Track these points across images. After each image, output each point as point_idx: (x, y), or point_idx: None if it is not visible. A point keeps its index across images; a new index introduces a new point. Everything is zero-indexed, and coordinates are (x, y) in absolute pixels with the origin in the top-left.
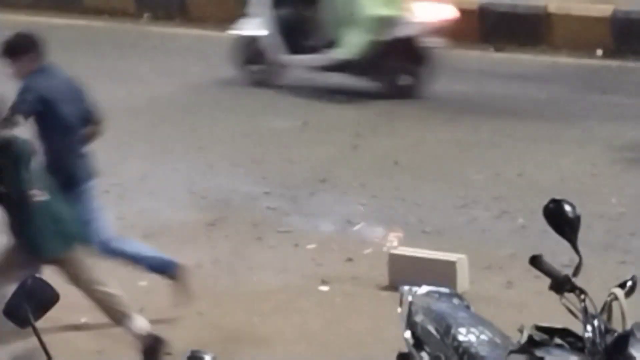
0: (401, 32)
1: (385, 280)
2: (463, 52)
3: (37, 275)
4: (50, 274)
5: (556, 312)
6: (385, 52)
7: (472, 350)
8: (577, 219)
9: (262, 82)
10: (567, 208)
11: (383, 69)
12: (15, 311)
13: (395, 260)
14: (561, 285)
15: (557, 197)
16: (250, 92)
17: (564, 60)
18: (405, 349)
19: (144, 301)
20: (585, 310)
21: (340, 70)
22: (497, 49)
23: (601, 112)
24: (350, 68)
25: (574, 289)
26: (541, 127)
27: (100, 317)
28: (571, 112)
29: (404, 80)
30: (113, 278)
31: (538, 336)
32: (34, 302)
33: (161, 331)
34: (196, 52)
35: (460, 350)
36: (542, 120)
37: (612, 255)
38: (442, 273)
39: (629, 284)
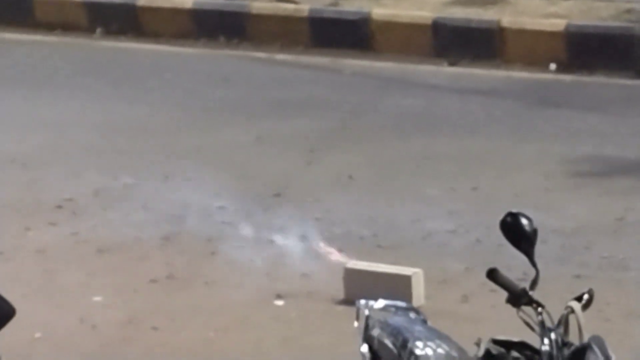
0: None
1: (341, 294)
2: (417, 66)
3: None
4: (5, 289)
5: (513, 326)
6: None
7: None
8: (533, 232)
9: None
10: (524, 221)
11: None
12: None
13: (351, 275)
14: (518, 298)
15: (513, 210)
16: (204, 107)
17: (518, 74)
18: None
19: (98, 316)
20: (542, 324)
21: None
22: (451, 64)
23: (555, 127)
24: None
25: (531, 302)
26: (495, 142)
27: (54, 333)
28: (525, 127)
29: None
30: (67, 293)
31: (495, 350)
32: None
33: (115, 347)
34: (150, 67)
35: None
36: (496, 134)
37: (568, 269)
38: (398, 287)
39: (586, 297)
